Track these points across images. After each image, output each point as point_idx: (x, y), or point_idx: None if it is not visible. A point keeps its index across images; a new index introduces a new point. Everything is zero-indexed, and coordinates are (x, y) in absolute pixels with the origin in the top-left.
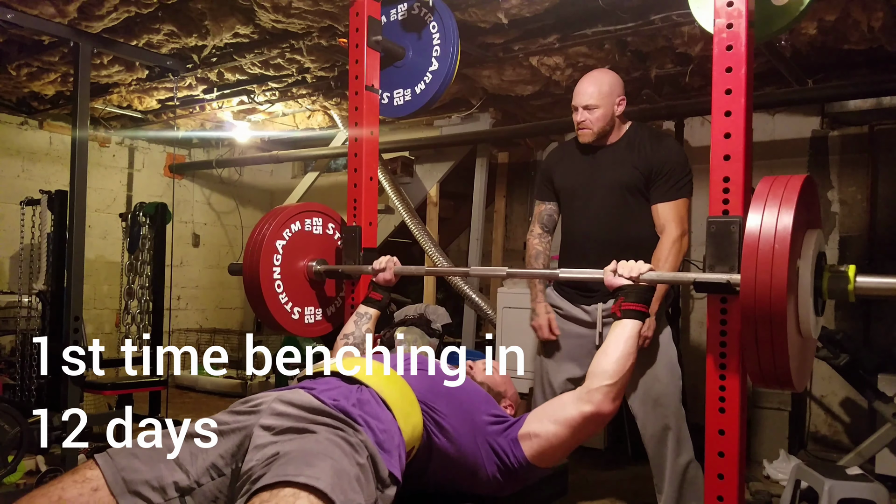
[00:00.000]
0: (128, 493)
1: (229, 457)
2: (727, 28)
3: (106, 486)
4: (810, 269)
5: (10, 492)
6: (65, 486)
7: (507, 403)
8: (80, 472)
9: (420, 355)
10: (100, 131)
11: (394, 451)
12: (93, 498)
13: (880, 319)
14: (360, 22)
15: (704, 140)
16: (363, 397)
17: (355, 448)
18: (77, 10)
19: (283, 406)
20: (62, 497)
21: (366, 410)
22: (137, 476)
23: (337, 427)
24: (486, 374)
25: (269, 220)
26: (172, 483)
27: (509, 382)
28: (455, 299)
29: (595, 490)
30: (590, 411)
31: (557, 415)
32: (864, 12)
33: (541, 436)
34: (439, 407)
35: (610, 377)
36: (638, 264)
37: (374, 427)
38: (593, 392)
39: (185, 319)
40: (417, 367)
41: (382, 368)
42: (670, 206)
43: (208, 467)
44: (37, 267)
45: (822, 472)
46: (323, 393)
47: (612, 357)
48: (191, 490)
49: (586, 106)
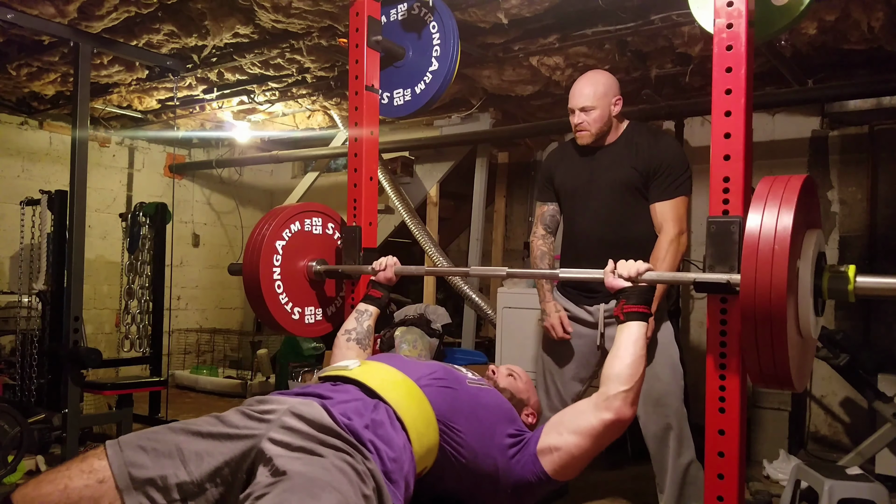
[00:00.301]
0: (133, 490)
1: (234, 465)
2: (727, 28)
3: (112, 478)
4: (810, 269)
5: (10, 492)
6: (71, 475)
7: (528, 412)
8: (87, 460)
9: (445, 367)
10: (100, 131)
11: (401, 481)
12: (98, 490)
13: (880, 319)
14: (360, 22)
15: (704, 140)
16: (378, 417)
17: (362, 477)
18: (77, 10)
19: (295, 421)
20: (68, 486)
21: (378, 434)
22: (144, 473)
23: (346, 451)
24: (510, 380)
25: (269, 220)
26: (176, 485)
27: (532, 389)
28: (455, 299)
29: (595, 490)
30: (611, 419)
31: (577, 425)
32: (864, 12)
33: (562, 449)
34: (458, 426)
35: (625, 382)
36: (637, 264)
37: (383, 455)
38: (611, 399)
39: (185, 319)
40: (440, 382)
41: (405, 382)
42: (668, 204)
43: (213, 472)
44: (37, 267)
45: (822, 472)
46: (337, 406)
47: (624, 362)
48: (193, 495)
49: (583, 108)
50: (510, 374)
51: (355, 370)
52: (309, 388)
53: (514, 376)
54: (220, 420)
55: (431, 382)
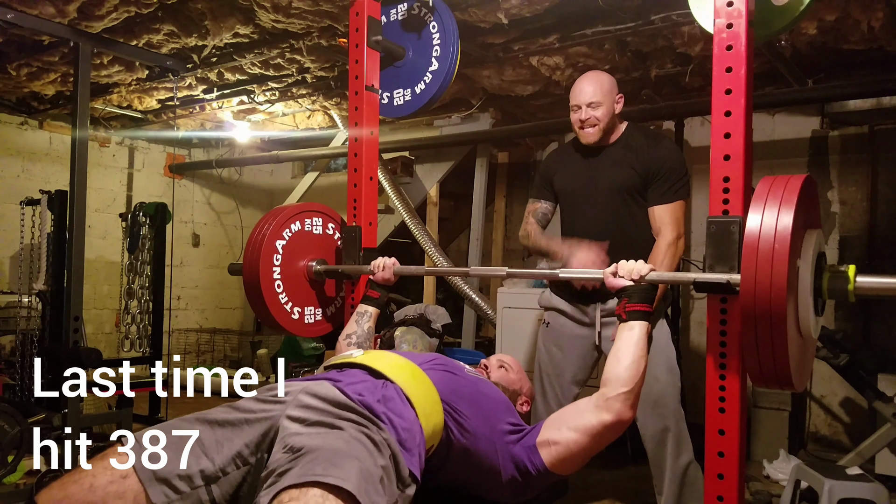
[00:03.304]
0: (155, 481)
1: (254, 446)
2: (727, 28)
3: (134, 472)
4: (810, 269)
5: (10, 492)
6: (95, 473)
7: (522, 401)
8: (108, 457)
9: (444, 356)
10: (100, 131)
11: (415, 449)
12: (123, 485)
13: (880, 319)
14: (360, 22)
15: (704, 140)
16: (388, 393)
17: (379, 447)
18: (77, 10)
19: (310, 398)
20: (93, 484)
21: (390, 407)
22: (164, 465)
23: (361, 424)
24: (502, 371)
25: (269, 220)
26: (199, 471)
27: (524, 378)
28: (455, 299)
29: (595, 490)
30: (610, 420)
31: (576, 423)
32: (864, 12)
33: (560, 444)
34: (461, 408)
35: (626, 384)
36: (638, 265)
37: (397, 425)
38: (611, 400)
39: (185, 319)
40: (442, 367)
41: (409, 365)
42: (666, 208)
43: (234, 456)
44: (37, 267)
45: (822, 472)
46: (349, 386)
47: (625, 363)
48: (216, 478)
49: (590, 103)
50: (501, 366)
51: (360, 357)
52: (317, 375)
53: (506, 367)
54: (235, 408)
55: (433, 367)
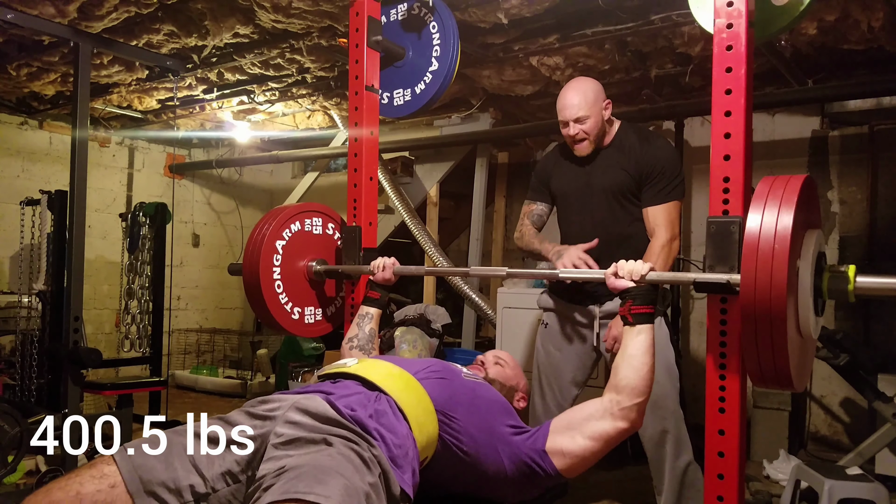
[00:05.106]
0: (144, 493)
1: (245, 463)
2: (727, 28)
3: (123, 483)
4: (810, 269)
5: (10, 492)
6: (82, 481)
7: (519, 397)
8: (97, 466)
9: (440, 361)
10: (100, 131)
11: (407, 466)
12: (110, 495)
13: (880, 319)
14: (360, 22)
15: (704, 140)
16: (381, 408)
17: (368, 464)
18: (77, 10)
19: (299, 415)
20: (80, 492)
21: (382, 423)
22: (154, 475)
23: (351, 440)
24: (498, 368)
25: (268, 220)
26: (189, 486)
27: (520, 374)
28: (455, 299)
29: (595, 490)
30: (625, 428)
31: (592, 431)
32: (864, 12)
33: (575, 452)
34: (457, 416)
35: (642, 393)
36: (638, 265)
37: (388, 441)
38: (627, 410)
39: (185, 319)
40: (437, 374)
41: (403, 374)
42: (660, 209)
43: (224, 473)
44: (37, 267)
45: (822, 472)
46: (340, 400)
47: (639, 372)
48: (206, 495)
49: (577, 119)
50: (497, 363)
51: (354, 366)
52: (310, 387)
53: (502, 364)
54: (226, 422)
55: (429, 375)
